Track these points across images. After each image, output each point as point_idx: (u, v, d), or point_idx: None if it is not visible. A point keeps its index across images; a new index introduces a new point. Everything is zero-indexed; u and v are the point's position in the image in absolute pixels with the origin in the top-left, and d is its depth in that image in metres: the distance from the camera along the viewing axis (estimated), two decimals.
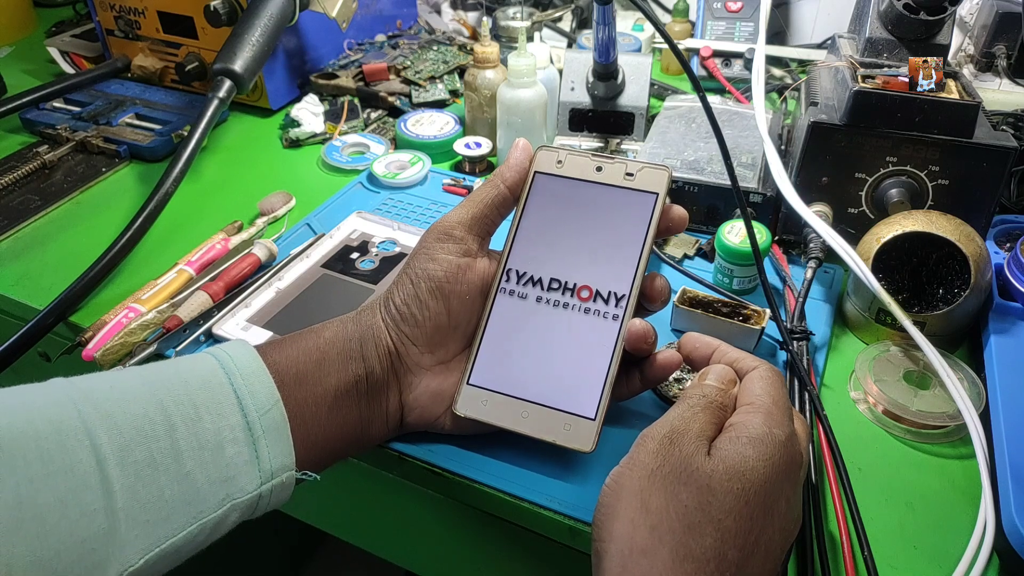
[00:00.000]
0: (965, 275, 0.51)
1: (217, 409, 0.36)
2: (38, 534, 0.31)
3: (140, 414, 0.34)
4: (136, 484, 0.33)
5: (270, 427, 0.37)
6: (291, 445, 0.38)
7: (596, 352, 0.42)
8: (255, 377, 0.38)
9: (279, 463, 0.37)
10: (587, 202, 0.44)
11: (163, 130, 0.80)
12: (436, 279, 0.42)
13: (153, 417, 0.35)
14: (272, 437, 0.37)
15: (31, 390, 0.35)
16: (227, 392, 0.37)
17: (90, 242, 0.66)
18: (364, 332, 0.42)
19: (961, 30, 0.84)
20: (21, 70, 1.00)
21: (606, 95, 0.73)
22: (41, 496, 0.31)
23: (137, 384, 0.36)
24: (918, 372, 0.51)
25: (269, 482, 0.37)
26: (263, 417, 0.37)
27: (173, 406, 0.35)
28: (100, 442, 0.33)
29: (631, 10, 1.07)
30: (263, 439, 0.37)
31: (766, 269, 0.58)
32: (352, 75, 0.88)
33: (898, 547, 0.42)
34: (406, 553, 0.60)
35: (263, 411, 0.37)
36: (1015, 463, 0.42)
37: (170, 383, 0.36)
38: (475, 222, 0.44)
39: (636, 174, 0.43)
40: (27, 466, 0.31)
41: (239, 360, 0.38)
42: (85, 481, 0.32)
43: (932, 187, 0.57)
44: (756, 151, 0.66)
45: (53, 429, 0.33)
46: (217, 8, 0.78)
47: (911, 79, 0.55)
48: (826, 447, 0.46)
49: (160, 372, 0.37)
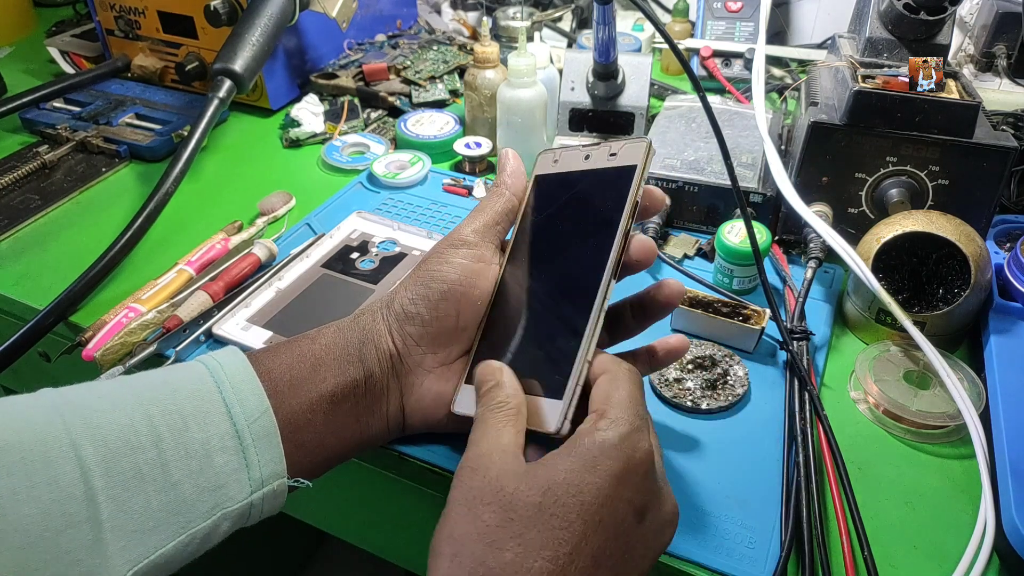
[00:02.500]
0: (965, 275, 0.51)
1: (205, 418, 0.36)
2: (22, 546, 0.31)
3: (126, 424, 0.34)
4: (122, 495, 0.33)
5: (260, 435, 0.37)
6: (282, 452, 0.37)
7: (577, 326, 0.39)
8: (245, 385, 0.38)
9: (270, 471, 0.37)
10: (578, 190, 0.44)
11: (163, 130, 0.80)
12: (449, 281, 0.42)
13: (139, 428, 0.34)
14: (262, 445, 0.37)
15: (19, 401, 0.35)
16: (216, 400, 0.37)
17: (90, 242, 0.66)
18: (363, 335, 0.42)
19: (961, 30, 0.84)
20: (21, 70, 1.00)
21: (606, 95, 0.73)
22: (24, 508, 0.31)
23: (125, 394, 0.36)
24: (918, 372, 0.51)
25: (260, 490, 0.37)
26: (252, 425, 0.37)
27: (160, 416, 0.35)
28: (85, 454, 0.33)
29: (631, 10, 1.07)
30: (253, 447, 0.37)
31: (766, 269, 0.58)
32: (352, 75, 0.88)
33: (898, 547, 0.42)
34: (406, 553, 0.60)
35: (252, 419, 0.37)
36: (1015, 463, 0.42)
37: (158, 392, 0.36)
38: (487, 229, 0.44)
39: (619, 152, 0.42)
40: (10, 478, 0.31)
41: (229, 368, 0.38)
42: (69, 493, 0.32)
43: (932, 187, 0.57)
44: (756, 151, 0.66)
45: (38, 441, 0.33)
46: (217, 8, 0.78)
47: (911, 79, 0.55)
48: (826, 447, 0.46)
49: (149, 381, 0.37)
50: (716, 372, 0.51)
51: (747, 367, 0.52)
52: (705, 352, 0.53)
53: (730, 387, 0.50)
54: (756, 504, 0.44)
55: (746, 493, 0.44)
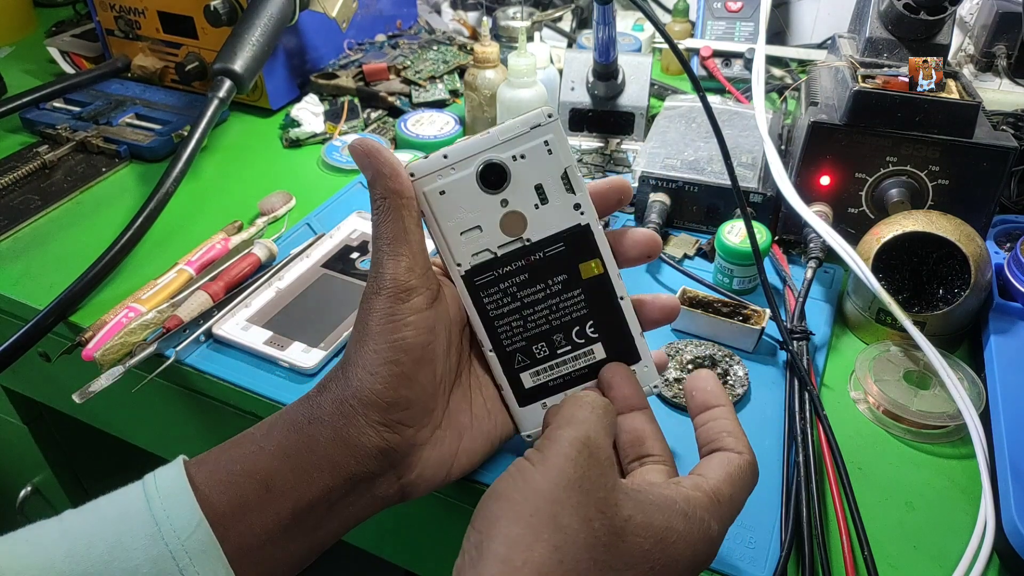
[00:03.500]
0: (965, 275, 0.51)
1: (133, 543, 0.32)
2: None
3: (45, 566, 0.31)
4: None
5: (196, 552, 0.32)
6: (227, 565, 0.33)
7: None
8: (174, 499, 0.33)
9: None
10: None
11: (163, 130, 0.80)
12: (419, 346, 0.36)
13: (59, 567, 0.31)
14: (201, 561, 0.32)
15: None
16: (146, 520, 0.33)
17: (90, 242, 0.66)
18: (333, 437, 0.36)
19: (961, 30, 0.84)
20: (21, 70, 1.00)
21: (606, 95, 0.73)
22: None
23: (55, 538, 0.33)
24: (918, 372, 0.51)
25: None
26: (186, 543, 0.32)
27: (84, 550, 0.32)
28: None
29: (631, 10, 1.07)
30: (191, 567, 0.32)
31: (766, 269, 0.58)
32: (352, 75, 0.88)
33: (898, 547, 0.42)
34: (406, 553, 0.60)
35: (185, 536, 0.32)
36: (1015, 463, 0.42)
37: (88, 523, 0.33)
38: (419, 257, 0.37)
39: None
40: None
41: (162, 480, 0.34)
42: None
43: (932, 187, 0.57)
44: (756, 151, 0.66)
45: None
46: (217, 8, 0.78)
47: (911, 79, 0.55)
48: (826, 447, 0.46)
49: (83, 516, 0.34)
50: (716, 372, 0.51)
51: (747, 367, 0.52)
52: (705, 352, 0.53)
53: (730, 387, 0.50)
54: (756, 504, 0.43)
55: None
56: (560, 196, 0.39)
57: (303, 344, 0.53)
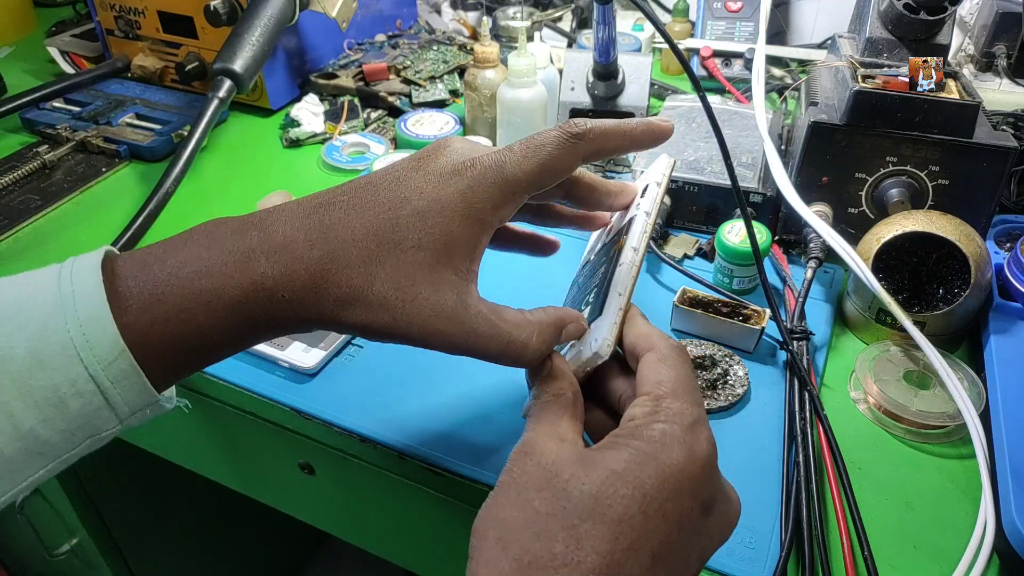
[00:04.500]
0: (965, 275, 0.51)
1: (52, 363, 0.32)
2: None
3: None
4: None
5: (119, 377, 0.33)
6: (148, 386, 0.34)
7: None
8: (95, 323, 0.33)
9: (139, 403, 0.34)
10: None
11: (163, 130, 0.80)
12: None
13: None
14: (124, 385, 0.33)
15: None
16: (65, 342, 0.32)
17: (90, 242, 0.66)
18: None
19: (961, 30, 0.84)
20: (21, 70, 1.00)
21: (606, 95, 0.73)
22: None
23: None
24: (918, 372, 0.51)
25: (130, 417, 0.34)
26: (108, 369, 0.33)
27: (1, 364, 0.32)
28: None
29: (631, 10, 1.07)
30: (112, 389, 0.33)
31: (766, 269, 0.58)
32: (352, 75, 0.88)
33: (898, 547, 0.42)
34: (406, 553, 0.60)
35: (106, 363, 0.33)
36: (1015, 463, 0.42)
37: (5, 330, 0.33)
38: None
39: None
40: None
41: (81, 297, 0.33)
42: None
43: (932, 187, 0.57)
44: (756, 151, 0.66)
45: None
46: (217, 8, 0.78)
47: (911, 79, 0.55)
48: (826, 447, 0.46)
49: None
50: (716, 372, 0.51)
51: (747, 367, 0.52)
52: (705, 352, 0.53)
53: (730, 387, 0.50)
54: (756, 504, 0.44)
55: (746, 493, 0.44)
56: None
57: (303, 344, 0.53)
